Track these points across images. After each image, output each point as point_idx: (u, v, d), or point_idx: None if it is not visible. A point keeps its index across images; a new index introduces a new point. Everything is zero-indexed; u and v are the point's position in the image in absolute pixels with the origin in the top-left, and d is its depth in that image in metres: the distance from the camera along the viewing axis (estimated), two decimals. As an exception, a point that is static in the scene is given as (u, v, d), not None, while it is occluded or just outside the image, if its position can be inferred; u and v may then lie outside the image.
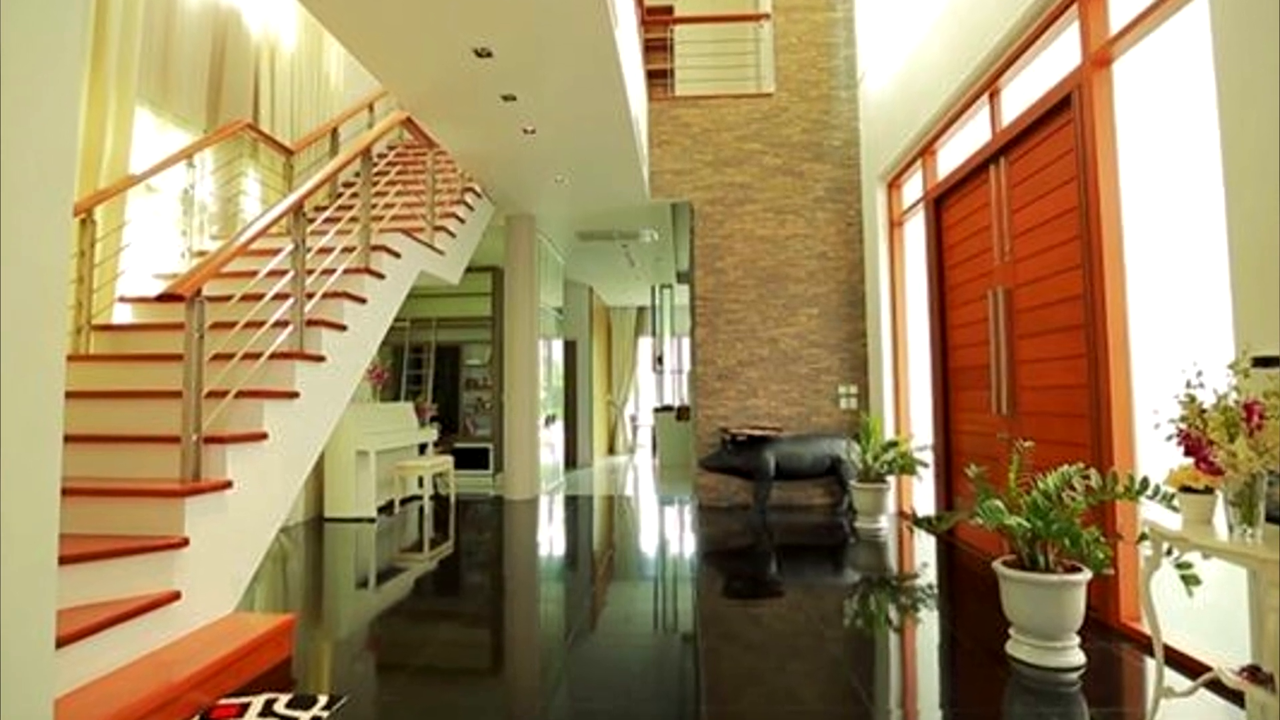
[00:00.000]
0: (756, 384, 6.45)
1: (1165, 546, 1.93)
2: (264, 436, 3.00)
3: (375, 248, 4.25)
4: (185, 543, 2.53)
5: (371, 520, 5.76)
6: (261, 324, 3.22)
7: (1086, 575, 2.55)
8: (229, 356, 3.00)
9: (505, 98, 4.30)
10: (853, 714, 2.23)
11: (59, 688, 1.99)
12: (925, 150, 5.13)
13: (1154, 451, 2.70)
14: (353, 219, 4.47)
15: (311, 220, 4.07)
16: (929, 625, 3.14)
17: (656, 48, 7.36)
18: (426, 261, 4.98)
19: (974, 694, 2.45)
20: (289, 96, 5.74)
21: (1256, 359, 1.86)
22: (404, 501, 6.48)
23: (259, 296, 3.31)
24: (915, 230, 5.53)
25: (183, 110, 4.76)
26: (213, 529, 2.68)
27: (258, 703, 2.29)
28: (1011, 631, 2.70)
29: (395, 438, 6.38)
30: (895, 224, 6.00)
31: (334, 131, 6.05)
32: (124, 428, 3.00)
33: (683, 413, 9.92)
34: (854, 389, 6.38)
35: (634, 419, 13.13)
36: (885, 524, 5.18)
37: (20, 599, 1.43)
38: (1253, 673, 1.74)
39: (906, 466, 5.01)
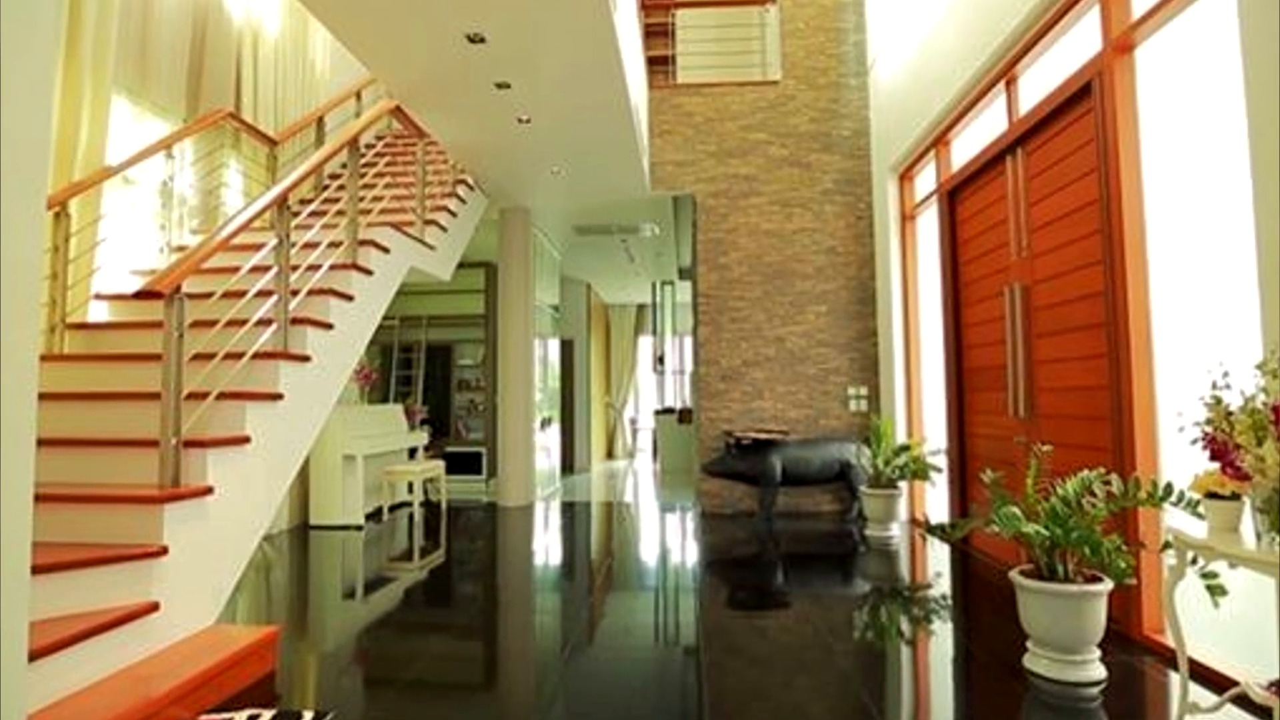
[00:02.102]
0: (762, 385, 6.45)
1: (1190, 555, 1.93)
2: (246, 440, 3.00)
3: (363, 242, 4.25)
4: (164, 551, 2.53)
5: (359, 528, 5.76)
6: (244, 322, 3.22)
7: (1107, 585, 2.55)
8: (210, 356, 3.00)
9: (499, 85, 4.30)
10: (863, 731, 2.23)
11: (32, 703, 1.99)
12: (939, 140, 5.13)
13: (1178, 456, 2.70)
14: (339, 212, 4.47)
15: (296, 214, 4.07)
16: (942, 638, 3.14)
17: (657, 33, 7.36)
18: (416, 257, 4.98)
19: (990, 710, 2.45)
20: (272, 84, 5.74)
21: (1285, 359, 1.85)
22: (393, 508, 6.48)
23: (241, 294, 3.31)
24: (928, 224, 5.53)
25: (161, 99, 4.76)
26: (193, 537, 2.68)
27: (240, 718, 2.29)
28: (1029, 644, 2.69)
29: (384, 441, 6.38)
30: (907, 217, 6.00)
31: (320, 121, 6.05)
32: (100, 431, 3.00)
33: (684, 415, 9.93)
34: (864, 390, 6.38)
35: (634, 422, 13.13)
36: (897, 532, 5.18)
37: (-9, 610, 1.43)
38: (1282, 687, 1.74)
39: (919, 471, 5.01)
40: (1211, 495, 1.91)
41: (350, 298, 3.96)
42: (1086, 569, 2.63)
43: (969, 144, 4.73)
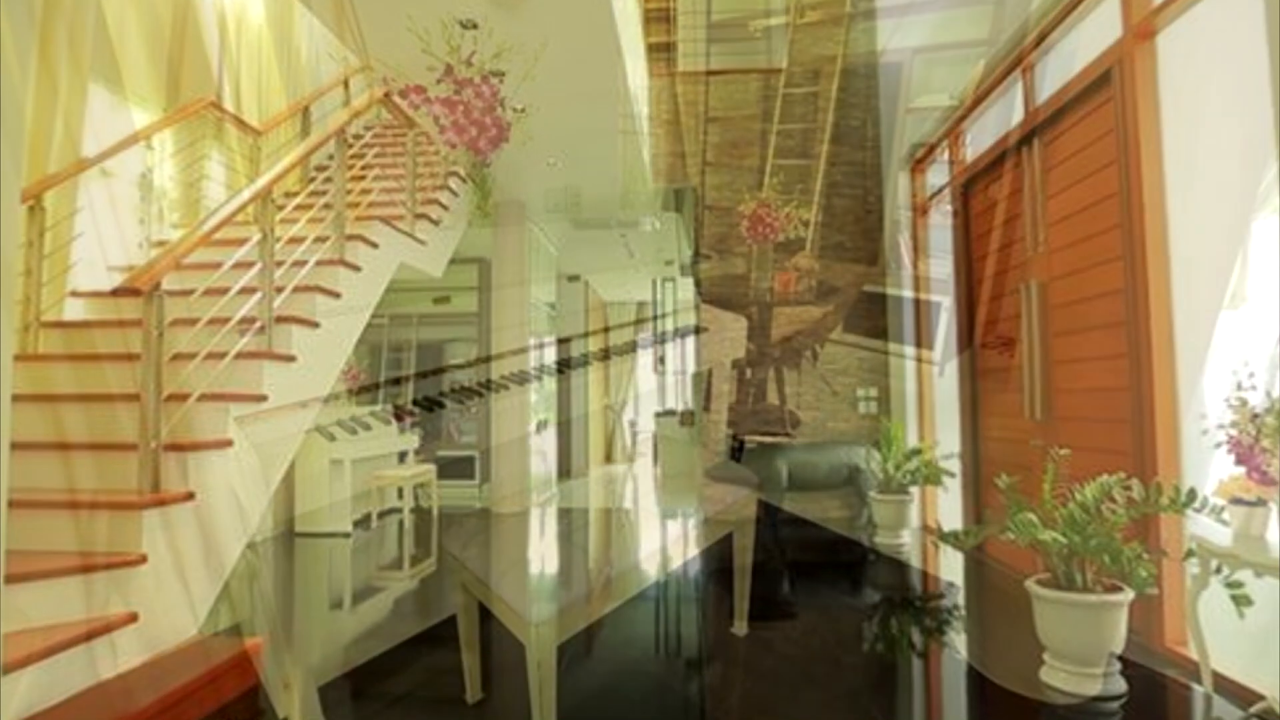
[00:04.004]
0: (767, 386, 6.45)
1: (1214, 564, 1.93)
2: (229, 444, 3.00)
3: (351, 237, 4.25)
4: (143, 560, 2.53)
5: (347, 535, 5.76)
6: (226, 321, 3.22)
7: (1128, 595, 2.55)
8: (191, 356, 3.00)
9: (493, 74, 4.30)
10: (872, 747, 2.24)
11: (6, 718, 1.99)
12: (952, 131, 5.13)
13: (1202, 460, 2.70)
14: (326, 206, 4.47)
15: (281, 207, 4.07)
16: (956, 650, 3.14)
17: (658, 18, 7.35)
18: (407, 252, 4.98)
19: (1005, 725, 2.45)
20: (256, 73, 5.73)
21: (1314, 359, 1.86)
22: (382, 514, 6.48)
23: (223, 291, 3.31)
24: (941, 218, 5.53)
25: (140, 88, 4.75)
26: (173, 545, 2.68)
27: (222, 734, 2.29)
28: (1046, 656, 2.69)
29: (372, 445, 6.37)
30: (919, 211, 6.00)
31: (305, 111, 6.03)
32: (76, 434, 2.99)
33: (687, 418, 9.92)
34: (873, 392, 6.37)
35: (633, 424, 13.12)
36: (908, 539, 5.18)
37: (-37, 621, 1.43)
38: (1309, 702, 1.74)
39: (931, 476, 5.01)
40: (1236, 501, 1.91)
41: (337, 295, 3.96)
42: (1106, 578, 2.63)
43: (983, 135, 4.73)
